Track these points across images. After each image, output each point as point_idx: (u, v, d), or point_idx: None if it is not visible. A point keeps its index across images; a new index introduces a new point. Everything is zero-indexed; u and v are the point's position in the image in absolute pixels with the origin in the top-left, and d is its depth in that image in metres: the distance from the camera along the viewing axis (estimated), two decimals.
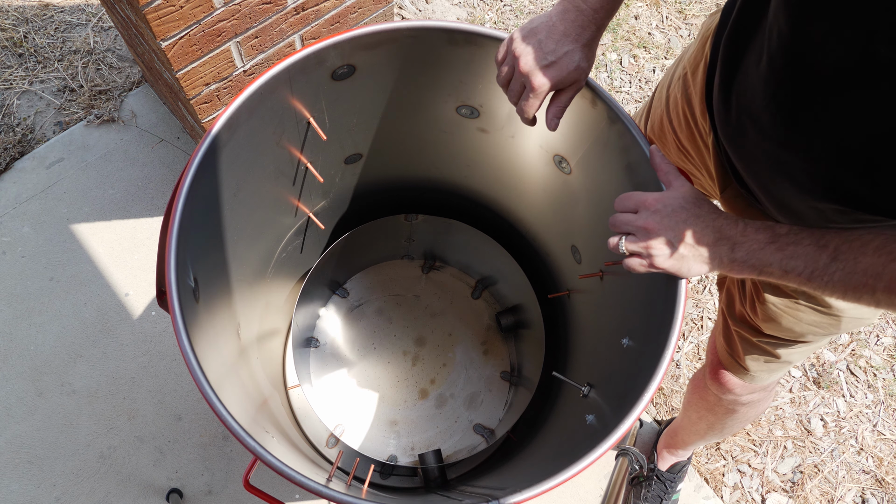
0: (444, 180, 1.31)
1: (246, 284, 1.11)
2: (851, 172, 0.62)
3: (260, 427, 0.92)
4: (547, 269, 1.33)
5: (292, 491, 1.41)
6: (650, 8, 2.17)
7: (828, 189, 0.66)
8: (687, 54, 0.93)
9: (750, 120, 0.71)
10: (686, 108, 0.91)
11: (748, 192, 0.82)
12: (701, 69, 0.86)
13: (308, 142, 1.04)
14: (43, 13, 1.95)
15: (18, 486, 1.43)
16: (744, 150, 0.75)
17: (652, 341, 0.83)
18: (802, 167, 0.67)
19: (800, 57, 0.60)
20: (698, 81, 0.87)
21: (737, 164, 0.79)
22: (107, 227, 1.67)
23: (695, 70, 0.88)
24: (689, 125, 0.92)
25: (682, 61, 0.94)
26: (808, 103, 0.62)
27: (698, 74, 0.87)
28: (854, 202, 0.65)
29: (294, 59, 0.87)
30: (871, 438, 1.63)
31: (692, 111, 0.90)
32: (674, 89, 0.95)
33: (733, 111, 0.74)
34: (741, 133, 0.74)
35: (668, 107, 0.97)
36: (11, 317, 1.57)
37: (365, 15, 1.46)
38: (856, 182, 0.62)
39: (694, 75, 0.88)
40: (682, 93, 0.92)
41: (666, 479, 1.48)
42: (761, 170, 0.74)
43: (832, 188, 0.65)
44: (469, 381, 1.41)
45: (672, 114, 0.96)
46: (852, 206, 0.65)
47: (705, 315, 1.74)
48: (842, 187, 0.64)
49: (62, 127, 1.79)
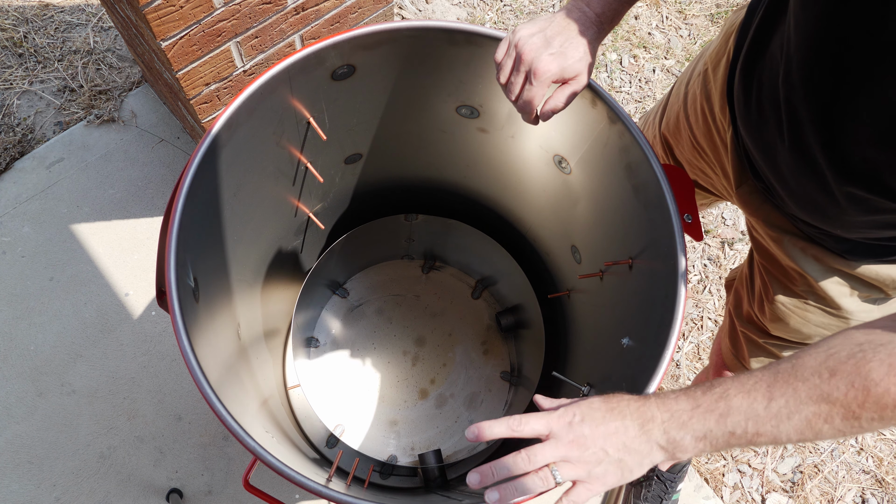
0: (444, 180, 1.31)
1: (246, 284, 1.11)
2: (879, 155, 0.60)
3: (260, 427, 0.92)
4: (547, 269, 1.33)
5: (292, 491, 1.41)
6: (650, 8, 2.17)
7: (850, 174, 0.64)
8: (708, 50, 0.93)
9: (773, 108, 0.70)
10: (705, 103, 0.91)
11: (764, 188, 0.82)
12: (723, 65, 0.86)
13: (308, 142, 1.04)
14: (43, 13, 1.95)
15: (18, 486, 1.43)
16: (764, 141, 0.75)
17: (652, 341, 0.83)
18: (825, 153, 0.66)
19: (823, 43, 0.60)
20: (719, 77, 0.87)
21: (756, 156, 0.78)
22: (107, 227, 1.67)
23: (716, 66, 0.88)
24: (706, 121, 0.92)
25: (704, 57, 0.94)
26: (832, 88, 0.61)
27: (720, 70, 0.87)
28: (878, 187, 0.63)
29: (294, 59, 0.87)
30: (871, 438, 1.63)
31: (711, 107, 0.90)
32: (693, 85, 0.95)
33: (754, 101, 0.74)
34: (763, 123, 0.73)
35: (686, 103, 0.97)
36: (11, 317, 1.57)
37: (365, 15, 1.46)
38: (884, 165, 0.60)
39: (715, 71, 0.88)
40: (702, 89, 0.92)
41: (666, 480, 1.48)
42: (782, 160, 0.73)
43: (855, 172, 0.64)
44: (469, 381, 1.41)
45: (690, 110, 0.96)
46: (875, 192, 0.63)
47: (705, 315, 1.74)
48: (865, 170, 0.63)
49: (62, 127, 1.79)
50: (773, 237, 0.86)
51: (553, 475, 0.60)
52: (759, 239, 0.92)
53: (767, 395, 0.54)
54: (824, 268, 0.82)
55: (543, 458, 0.60)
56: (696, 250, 1.83)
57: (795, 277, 0.86)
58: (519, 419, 0.62)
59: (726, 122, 0.86)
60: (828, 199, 0.70)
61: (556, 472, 0.60)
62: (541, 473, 0.60)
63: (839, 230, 0.76)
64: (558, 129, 1.00)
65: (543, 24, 0.77)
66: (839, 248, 0.78)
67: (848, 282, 0.82)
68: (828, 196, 0.70)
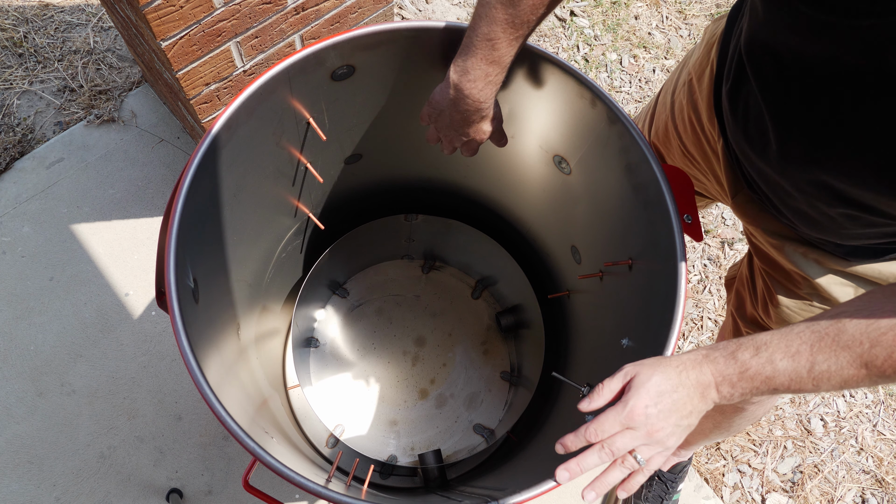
0: (444, 180, 1.31)
1: (245, 285, 1.11)
2: (865, 181, 0.61)
3: (259, 427, 0.92)
4: (547, 269, 1.33)
5: (292, 491, 1.41)
6: (650, 8, 2.17)
7: (838, 197, 0.66)
8: (691, 60, 0.92)
9: (759, 131, 0.70)
10: (692, 114, 0.91)
11: (760, 197, 0.82)
12: (707, 76, 0.85)
13: (308, 142, 1.04)
14: (43, 13, 1.95)
15: (18, 486, 1.43)
16: (755, 160, 0.75)
17: (652, 341, 0.83)
18: (812, 177, 0.66)
19: (807, 70, 0.60)
20: (704, 88, 0.86)
21: (749, 170, 0.78)
22: (107, 227, 1.67)
23: (700, 76, 0.88)
24: (695, 131, 0.92)
25: (687, 66, 0.93)
26: (817, 115, 0.61)
27: (704, 81, 0.86)
28: (867, 208, 0.64)
29: (294, 59, 0.87)
30: (871, 438, 1.63)
31: (698, 117, 0.89)
32: (679, 95, 0.94)
33: (741, 122, 0.74)
34: (751, 143, 0.73)
35: (674, 113, 0.96)
36: (11, 317, 1.57)
37: (365, 15, 1.46)
38: (868, 191, 0.62)
39: (700, 81, 0.88)
40: (688, 99, 0.91)
41: (667, 480, 1.48)
42: (773, 179, 0.74)
43: (843, 196, 0.65)
44: (469, 381, 1.41)
45: (678, 120, 0.95)
46: (871, 213, 0.65)
47: (705, 315, 1.74)
48: (854, 195, 0.64)
49: (62, 127, 1.79)
50: (773, 244, 0.86)
51: (637, 461, 0.66)
52: (758, 244, 0.91)
53: (810, 360, 0.59)
54: (827, 270, 0.82)
55: (625, 448, 0.65)
56: (696, 250, 1.83)
57: (798, 280, 0.86)
58: (594, 430, 0.65)
59: (716, 134, 0.86)
60: (823, 217, 0.71)
61: (639, 457, 0.66)
62: (626, 462, 0.66)
63: (839, 240, 0.76)
64: (558, 129, 1.00)
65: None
66: (841, 252, 0.79)
67: (851, 282, 0.82)
68: (822, 215, 0.71)
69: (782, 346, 0.61)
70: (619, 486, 0.70)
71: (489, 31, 0.78)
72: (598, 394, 0.67)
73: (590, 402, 0.67)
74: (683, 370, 0.65)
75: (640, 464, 0.66)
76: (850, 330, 0.58)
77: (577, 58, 2.07)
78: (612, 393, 0.67)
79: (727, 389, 0.63)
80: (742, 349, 0.63)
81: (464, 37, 0.81)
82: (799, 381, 0.60)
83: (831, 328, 0.59)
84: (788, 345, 0.60)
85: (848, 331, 0.58)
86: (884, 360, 0.56)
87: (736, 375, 0.62)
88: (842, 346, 0.58)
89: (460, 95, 0.85)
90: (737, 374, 0.62)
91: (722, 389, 0.64)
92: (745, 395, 0.63)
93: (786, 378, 0.60)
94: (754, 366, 0.61)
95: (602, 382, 0.67)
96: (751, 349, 0.62)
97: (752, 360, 0.62)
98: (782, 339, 0.61)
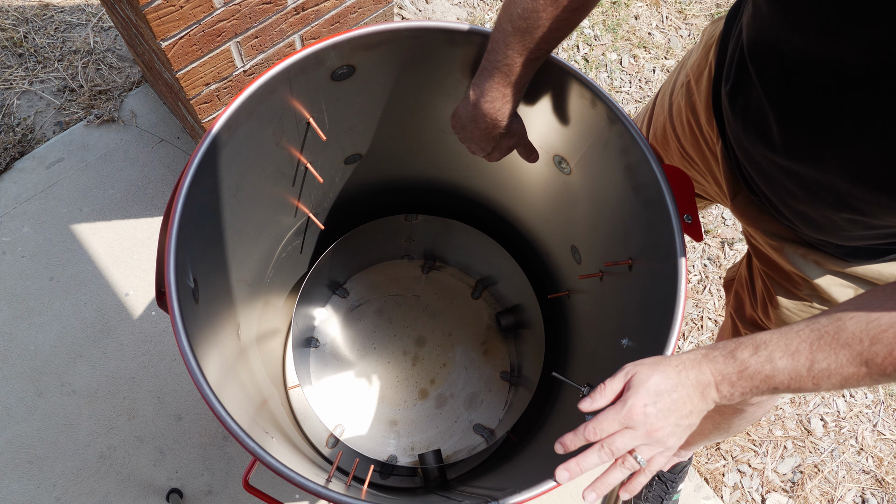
0: (444, 180, 1.31)
1: (245, 285, 1.11)
2: (869, 178, 0.61)
3: (259, 427, 0.92)
4: (547, 269, 1.33)
5: (292, 491, 1.41)
6: (650, 8, 2.17)
7: (839, 200, 0.66)
8: (689, 61, 0.92)
9: (761, 132, 0.70)
10: (690, 115, 0.91)
11: (760, 199, 0.82)
12: (705, 77, 0.85)
13: (308, 142, 1.04)
14: (43, 13, 1.95)
15: (18, 486, 1.43)
16: (755, 162, 0.75)
17: (652, 341, 0.83)
18: (814, 179, 0.66)
19: (813, 70, 0.60)
20: (703, 90, 0.86)
21: (749, 172, 0.78)
22: (107, 227, 1.67)
23: (698, 78, 0.87)
24: (693, 133, 0.91)
25: (685, 68, 0.93)
26: (822, 115, 0.61)
27: (702, 82, 0.86)
28: (866, 211, 0.64)
29: (294, 59, 0.87)
30: (871, 438, 1.63)
31: (697, 119, 0.89)
32: (677, 97, 0.94)
33: (742, 122, 0.74)
34: (752, 145, 0.73)
35: (672, 114, 0.96)
36: (11, 317, 1.57)
37: (365, 15, 1.46)
38: (870, 190, 0.62)
39: (698, 83, 0.88)
40: (686, 101, 0.91)
41: (667, 480, 1.48)
42: (774, 180, 0.74)
43: (843, 199, 0.65)
44: (469, 381, 1.41)
45: (676, 121, 0.95)
46: (866, 215, 0.65)
47: (705, 315, 1.74)
48: (854, 197, 0.64)
49: (62, 127, 1.79)
50: (773, 245, 0.86)
51: (637, 461, 0.66)
52: (757, 246, 0.91)
53: (810, 358, 0.59)
54: (826, 271, 0.82)
55: (624, 447, 0.65)
56: (696, 250, 1.83)
57: (798, 281, 0.86)
58: (593, 429, 0.65)
59: (714, 135, 0.86)
60: (824, 219, 0.71)
61: (639, 457, 0.66)
62: (626, 463, 0.66)
63: (839, 241, 0.76)
64: (558, 129, 1.00)
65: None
66: (841, 253, 0.79)
67: (851, 283, 0.82)
68: (824, 217, 0.71)
69: (782, 345, 0.60)
70: (622, 487, 0.70)
71: (505, 57, 0.81)
72: (600, 394, 0.67)
73: (591, 403, 0.67)
74: (683, 370, 0.64)
75: (640, 464, 0.66)
76: (849, 328, 0.57)
77: (577, 58, 2.07)
78: (613, 393, 0.66)
79: (727, 389, 0.63)
80: (741, 348, 0.63)
81: (482, 59, 0.84)
82: (799, 380, 0.59)
83: (831, 326, 0.59)
84: (788, 343, 0.60)
85: (848, 329, 0.57)
86: (884, 357, 0.55)
87: (735, 374, 0.62)
88: (841, 344, 0.57)
89: (479, 114, 0.88)
90: (736, 373, 0.62)
91: (722, 389, 0.63)
92: (746, 394, 0.63)
93: (785, 377, 0.60)
94: (753, 364, 0.61)
95: (603, 382, 0.67)
96: (750, 348, 0.62)
97: (751, 359, 0.61)
98: (782, 337, 0.61)
